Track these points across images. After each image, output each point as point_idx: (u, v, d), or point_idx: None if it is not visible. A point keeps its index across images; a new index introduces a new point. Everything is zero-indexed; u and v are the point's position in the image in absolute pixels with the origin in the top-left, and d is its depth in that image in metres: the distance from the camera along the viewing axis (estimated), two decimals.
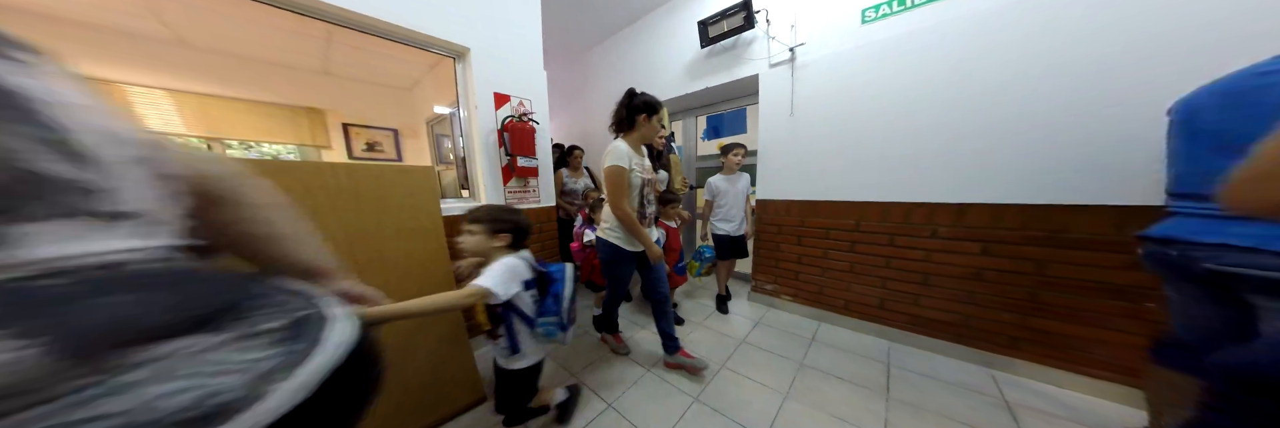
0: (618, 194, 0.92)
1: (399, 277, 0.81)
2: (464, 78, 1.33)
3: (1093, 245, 0.92)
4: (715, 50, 1.74)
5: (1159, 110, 0.66)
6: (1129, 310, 0.90)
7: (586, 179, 2.02)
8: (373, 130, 2.32)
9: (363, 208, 0.75)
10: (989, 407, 0.93)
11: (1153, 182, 0.84)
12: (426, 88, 2.24)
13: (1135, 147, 0.85)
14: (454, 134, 1.39)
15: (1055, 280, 0.98)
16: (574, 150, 1.97)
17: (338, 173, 0.72)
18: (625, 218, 0.94)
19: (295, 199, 0.66)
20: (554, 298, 0.72)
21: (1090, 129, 0.91)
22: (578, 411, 0.95)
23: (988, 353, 1.11)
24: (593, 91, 2.58)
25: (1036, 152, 0.99)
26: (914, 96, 1.17)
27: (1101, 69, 0.89)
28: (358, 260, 0.75)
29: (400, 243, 0.81)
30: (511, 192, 1.40)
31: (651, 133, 0.96)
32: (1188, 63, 0.79)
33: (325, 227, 0.70)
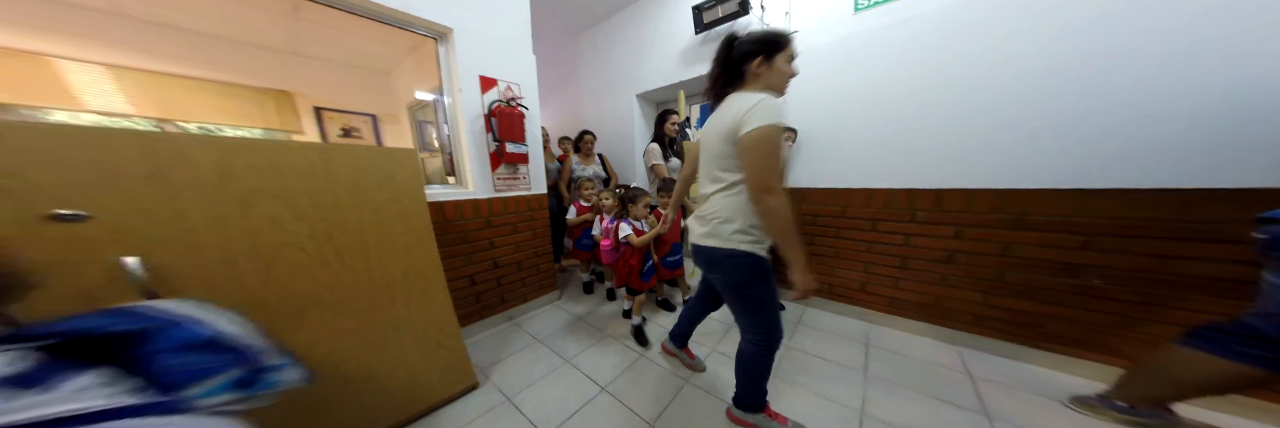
0: (772, 172, 0.54)
1: (383, 258, 0.76)
2: (447, 60, 1.23)
3: (1050, 227, 0.97)
4: (710, 37, 1.68)
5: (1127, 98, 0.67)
6: (1077, 288, 0.95)
7: (597, 166, 1.88)
8: (349, 115, 2.16)
9: (339, 189, 0.69)
10: (956, 381, 0.98)
11: (1101, 165, 0.89)
12: (407, 71, 2.08)
13: (1078, 131, 0.90)
14: (438, 119, 1.30)
15: (1017, 261, 1.03)
16: (585, 135, 1.84)
17: (309, 153, 0.66)
18: (782, 212, 0.55)
19: (263, 179, 0.62)
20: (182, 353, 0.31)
21: (1059, 118, 0.94)
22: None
23: (954, 331, 1.17)
24: (584, 79, 2.47)
25: (1011, 139, 1.01)
26: (901, 85, 1.18)
27: (1084, 59, 0.91)
28: (336, 242, 0.69)
29: (382, 225, 0.76)
30: (500, 178, 1.34)
31: (782, 79, 0.61)
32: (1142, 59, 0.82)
33: (297, 206, 0.64)
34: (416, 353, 0.84)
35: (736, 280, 0.66)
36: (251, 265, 0.60)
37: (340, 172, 0.69)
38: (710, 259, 0.68)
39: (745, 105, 0.55)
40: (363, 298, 0.74)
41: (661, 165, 1.58)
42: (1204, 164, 0.80)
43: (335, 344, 0.71)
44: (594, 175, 1.82)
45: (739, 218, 0.62)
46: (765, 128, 0.53)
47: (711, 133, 0.64)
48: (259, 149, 0.61)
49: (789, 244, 0.58)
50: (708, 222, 0.67)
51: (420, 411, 0.88)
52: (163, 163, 0.53)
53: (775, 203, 0.55)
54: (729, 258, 0.64)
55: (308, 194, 0.66)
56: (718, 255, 0.66)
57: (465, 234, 1.24)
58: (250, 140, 0.60)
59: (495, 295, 1.38)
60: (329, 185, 0.68)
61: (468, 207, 1.24)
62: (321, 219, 0.67)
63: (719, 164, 0.63)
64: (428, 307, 0.85)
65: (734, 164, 0.60)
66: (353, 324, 0.73)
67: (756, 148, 0.54)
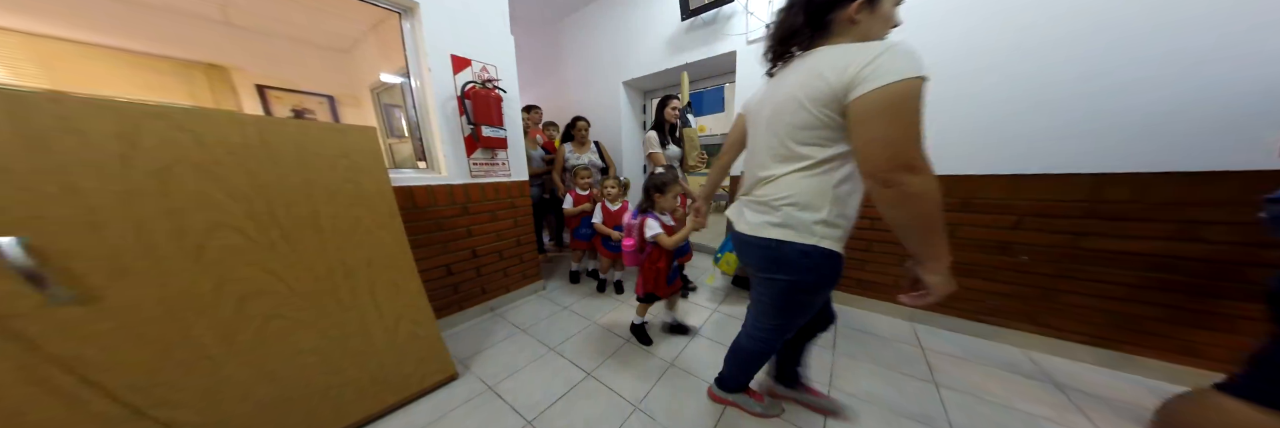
0: (915, 142, 0.39)
1: (342, 243, 0.69)
2: (413, 37, 1.11)
3: (990, 209, 1.05)
4: (695, 24, 1.64)
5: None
6: (1008, 264, 1.05)
7: (593, 154, 1.74)
8: (300, 95, 1.91)
9: (283, 167, 0.61)
10: (908, 353, 1.06)
11: (1046, 153, 0.95)
12: (369, 50, 1.87)
13: (1019, 123, 0.97)
14: (406, 101, 1.18)
15: (964, 242, 1.11)
16: (578, 122, 1.70)
17: (242, 125, 0.57)
18: (932, 196, 0.39)
19: (182, 152, 0.52)
20: None
21: (1021, 103, 0.98)
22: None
23: (909, 308, 1.26)
24: (569, 65, 2.35)
25: (973, 126, 1.06)
26: None
27: (1058, 45, 0.92)
28: (283, 225, 0.61)
29: (339, 207, 0.68)
30: (477, 163, 1.25)
31: (885, 29, 0.48)
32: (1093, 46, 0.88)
33: (231, 183, 0.56)
34: (386, 344, 0.79)
35: (806, 284, 0.52)
36: (175, 248, 0.52)
37: (282, 148, 0.61)
38: (774, 257, 0.52)
39: (857, 58, 0.39)
40: (320, 287, 0.67)
41: (659, 153, 1.49)
42: (1114, 151, 0.88)
43: (290, 336, 0.64)
44: (590, 164, 1.70)
45: (825, 205, 0.48)
46: (905, 83, 0.37)
47: (782, 99, 0.48)
48: (173, 117, 0.51)
49: (933, 241, 0.42)
50: (773, 209, 0.51)
51: (394, 403, 0.83)
52: (40, 129, 0.43)
53: (922, 185, 0.38)
54: (804, 256, 0.50)
55: (244, 172, 0.57)
56: (788, 253, 0.51)
57: (439, 221, 1.16)
58: (160, 107, 0.50)
59: (475, 286, 1.31)
60: (270, 162, 0.59)
61: (441, 192, 1.15)
62: (263, 198, 0.59)
63: (796, 136, 0.47)
64: (397, 296, 0.79)
65: (825, 136, 0.45)
66: (310, 315, 0.66)
67: (892, 110, 0.37)
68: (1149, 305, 0.90)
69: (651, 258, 0.99)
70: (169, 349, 0.53)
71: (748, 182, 0.58)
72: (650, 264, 1.00)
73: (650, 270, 1.00)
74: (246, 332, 0.60)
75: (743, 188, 0.60)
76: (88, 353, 0.47)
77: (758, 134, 0.56)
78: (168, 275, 0.52)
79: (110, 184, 0.47)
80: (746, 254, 0.57)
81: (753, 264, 0.58)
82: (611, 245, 1.35)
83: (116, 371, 0.49)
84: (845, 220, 0.50)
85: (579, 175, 1.49)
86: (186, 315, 0.54)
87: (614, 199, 1.35)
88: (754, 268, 0.58)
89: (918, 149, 0.39)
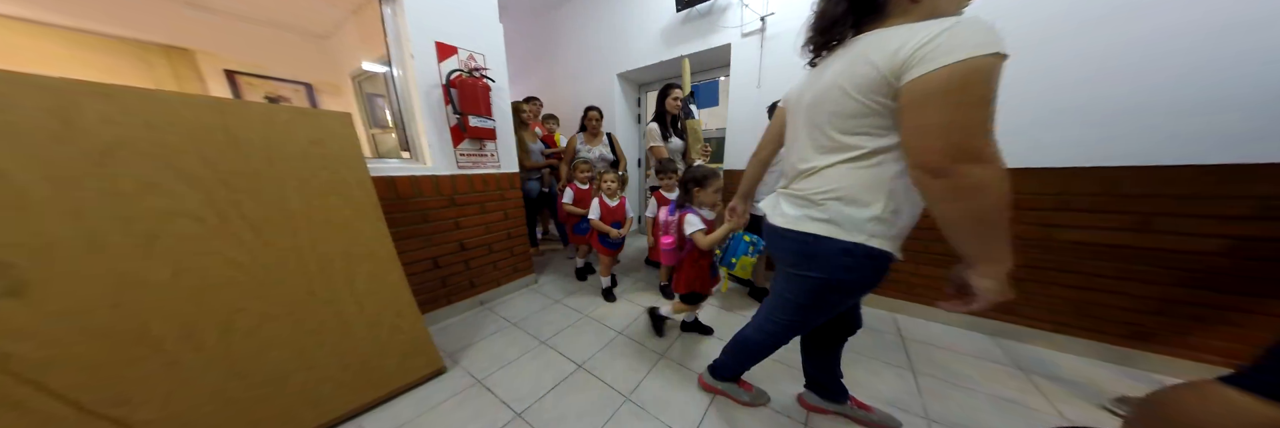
0: (981, 129, 0.33)
1: (316, 234, 0.65)
2: (395, 23, 1.05)
3: None
4: (691, 15, 1.60)
5: None
6: None
7: (605, 147, 1.64)
8: (275, 82, 1.79)
9: (247, 153, 0.56)
10: (889, 342, 1.09)
11: (1027, 147, 0.97)
12: (349, 36, 1.76)
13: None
14: (389, 89, 1.12)
15: (934, 233, 1.13)
16: (591, 111, 1.58)
17: (198, 108, 0.52)
18: (996, 189, 0.34)
19: (128, 133, 0.47)
20: None
21: None
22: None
23: (893, 300, 1.29)
24: (561, 56, 2.28)
25: None
26: None
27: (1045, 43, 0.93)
28: (249, 215, 0.57)
29: (312, 197, 0.64)
30: (464, 154, 1.20)
31: (957, 5, 0.41)
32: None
33: (186, 169, 0.51)
34: (368, 339, 0.75)
35: (841, 283, 0.47)
36: (122, 236, 0.47)
37: (247, 133, 0.56)
38: (808, 252, 0.47)
39: (913, 37, 0.34)
40: (294, 279, 0.63)
41: (661, 146, 1.41)
42: (1080, 147, 0.90)
43: (259, 330, 0.61)
44: (601, 157, 1.60)
45: (879, 199, 0.42)
46: (974, 62, 0.31)
47: (823, 88, 0.44)
48: (117, 97, 0.46)
49: (991, 240, 0.36)
50: (814, 203, 0.46)
51: (377, 398, 0.80)
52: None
53: (984, 176, 0.33)
54: (844, 255, 0.45)
55: (201, 157, 0.52)
56: (826, 249, 0.46)
57: (425, 213, 1.12)
58: (101, 85, 0.45)
59: (463, 279, 1.28)
60: (231, 148, 0.55)
61: (426, 183, 1.10)
62: (225, 186, 0.54)
63: (841, 125, 0.42)
64: (378, 289, 0.75)
65: (876, 124, 0.40)
66: (281, 308, 0.62)
67: (955, 93, 0.32)
68: (1112, 294, 0.94)
69: (693, 255, 0.90)
70: (120, 344, 0.49)
71: (787, 175, 0.54)
72: (692, 261, 0.91)
73: (693, 268, 0.91)
74: (209, 326, 0.56)
75: (782, 181, 0.56)
76: (21, 350, 0.43)
77: (797, 125, 0.51)
78: (115, 266, 0.47)
79: (43, 167, 0.42)
80: (778, 246, 0.53)
81: (782, 258, 0.53)
82: (609, 243, 1.30)
83: (59, 368, 0.45)
84: (903, 218, 0.43)
85: (579, 169, 1.41)
86: (138, 309, 0.49)
87: (612, 194, 1.28)
88: (784, 262, 0.54)
89: (984, 137, 0.32)
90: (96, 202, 0.46)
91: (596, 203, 1.27)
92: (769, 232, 0.56)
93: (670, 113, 1.43)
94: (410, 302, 0.82)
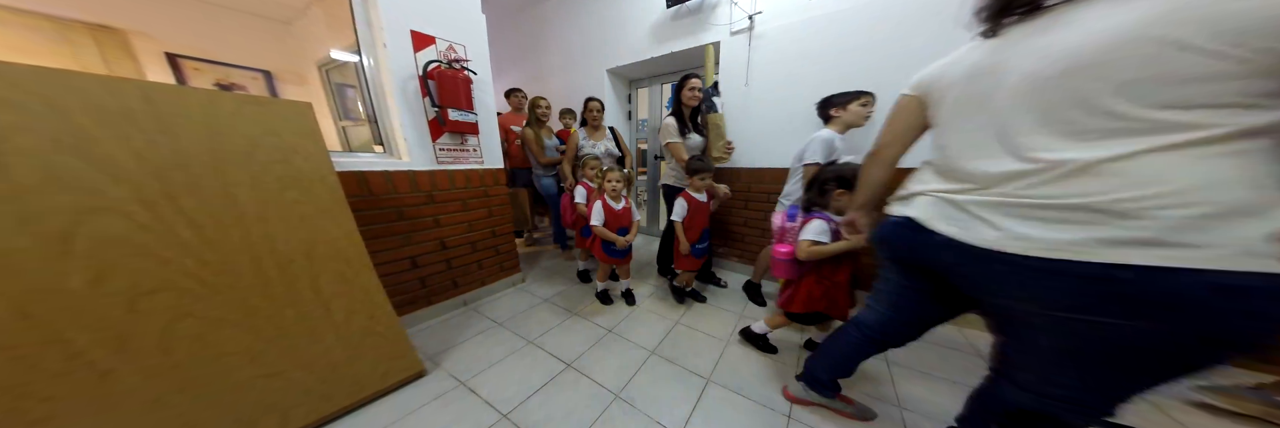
0: None
1: (272, 232, 0.59)
2: (364, 9, 0.96)
3: None
4: (680, 12, 1.56)
5: None
6: None
7: (609, 141, 1.50)
8: (227, 68, 1.61)
9: (184, 144, 0.50)
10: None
11: None
12: (314, 23, 1.63)
13: None
14: (360, 80, 1.04)
15: None
16: (591, 102, 1.43)
17: (117, 90, 0.45)
18: None
19: (27, 118, 0.39)
20: None
21: None
22: None
23: None
24: (547, 50, 2.20)
25: None
26: (857, 68, 1.17)
27: None
28: (187, 211, 0.51)
29: (266, 192, 0.57)
30: (444, 149, 1.14)
31: None
32: None
33: (105, 159, 0.45)
34: (337, 342, 0.70)
35: (1214, 336, 0.29)
36: (26, 237, 0.41)
37: (184, 121, 0.49)
38: (1126, 294, 0.30)
39: None
40: (245, 281, 0.57)
41: (679, 143, 1.23)
42: None
43: (207, 337, 0.55)
44: (607, 152, 1.47)
45: (1273, 205, 0.26)
46: None
47: (1122, 41, 0.28)
48: (11, 76, 0.39)
49: None
50: (1121, 216, 0.29)
51: (351, 403, 0.74)
52: None
53: None
54: (1226, 295, 0.27)
55: (126, 146, 0.46)
56: (1178, 287, 0.28)
57: (401, 210, 1.05)
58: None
59: (445, 279, 1.22)
60: (165, 137, 0.48)
61: (401, 179, 1.03)
62: (158, 179, 0.48)
63: (1168, 96, 0.27)
64: (347, 291, 0.70)
65: (1230, 90, 0.26)
66: (233, 312, 0.56)
67: None
68: None
69: (825, 271, 0.74)
70: (30, 358, 0.42)
71: (983, 176, 0.38)
72: (822, 278, 0.74)
73: (819, 284, 0.75)
74: (147, 334, 0.49)
75: (961, 184, 0.40)
76: None
77: (981, 109, 0.38)
78: (17, 271, 0.41)
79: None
80: (1028, 285, 0.35)
81: (1044, 300, 0.35)
82: (616, 251, 1.14)
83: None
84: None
85: (589, 166, 1.27)
86: (52, 318, 0.43)
87: (617, 196, 1.11)
88: (1053, 305, 0.34)
89: None
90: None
91: (599, 207, 1.10)
92: (990, 261, 0.36)
93: (688, 106, 1.25)
94: (384, 303, 0.76)
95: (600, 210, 1.10)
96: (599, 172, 1.25)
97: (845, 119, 1.02)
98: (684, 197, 1.13)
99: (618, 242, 1.11)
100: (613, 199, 1.12)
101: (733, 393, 0.82)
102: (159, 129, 0.48)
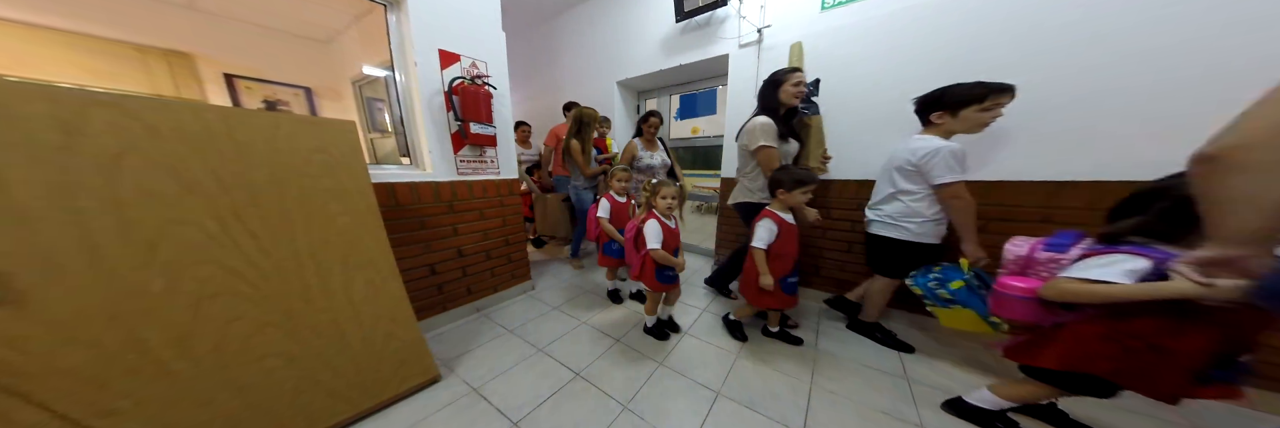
0: None
1: (315, 242, 0.65)
2: (399, 30, 1.07)
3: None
4: (690, 26, 1.65)
5: None
6: None
7: (664, 153, 1.53)
8: (274, 86, 1.80)
9: (250, 161, 0.57)
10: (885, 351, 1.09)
11: None
12: (351, 42, 1.79)
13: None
14: (390, 96, 1.13)
15: None
16: (652, 118, 1.45)
17: (203, 116, 0.52)
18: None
19: (132, 141, 0.47)
20: None
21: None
22: None
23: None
24: (563, 63, 2.32)
25: None
26: (866, 82, 1.21)
27: (1052, 59, 0.91)
28: (248, 223, 0.57)
29: (314, 204, 0.64)
30: (464, 161, 1.21)
31: None
32: None
33: (189, 177, 0.52)
34: (363, 347, 0.75)
35: None
36: (121, 246, 0.47)
37: (251, 141, 0.57)
38: None
39: None
40: (291, 288, 0.63)
41: (772, 149, 1.00)
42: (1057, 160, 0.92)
43: (254, 339, 0.60)
44: (663, 164, 1.49)
45: None
46: None
47: None
48: (123, 106, 0.47)
49: None
50: None
51: (372, 407, 0.78)
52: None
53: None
54: None
55: (205, 165, 0.53)
56: None
57: (423, 220, 1.12)
58: (106, 95, 0.46)
59: (460, 286, 1.27)
60: (236, 156, 0.55)
61: (425, 190, 1.11)
62: (226, 194, 0.55)
63: None
64: (375, 297, 0.75)
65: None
66: (278, 316, 0.62)
67: None
68: None
69: (1131, 325, 0.50)
70: (111, 355, 0.48)
71: None
72: (1119, 332, 0.51)
73: (1112, 341, 0.52)
74: (205, 335, 0.55)
75: None
76: (11, 359, 0.42)
77: None
78: (112, 275, 0.47)
79: (44, 175, 0.43)
80: None
81: None
82: (669, 278, 0.99)
83: (47, 378, 0.45)
84: None
85: (616, 177, 1.18)
86: (133, 318, 0.49)
87: (669, 213, 0.96)
88: None
89: None
90: (98, 210, 0.46)
91: (656, 227, 0.93)
92: None
93: (788, 105, 1.01)
94: (407, 309, 0.81)
95: (658, 230, 0.93)
96: (626, 184, 1.22)
97: (949, 127, 0.83)
98: (771, 217, 0.90)
99: (677, 265, 0.95)
100: (666, 217, 0.97)
101: (743, 407, 0.83)
102: (232, 149, 0.55)
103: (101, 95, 0.46)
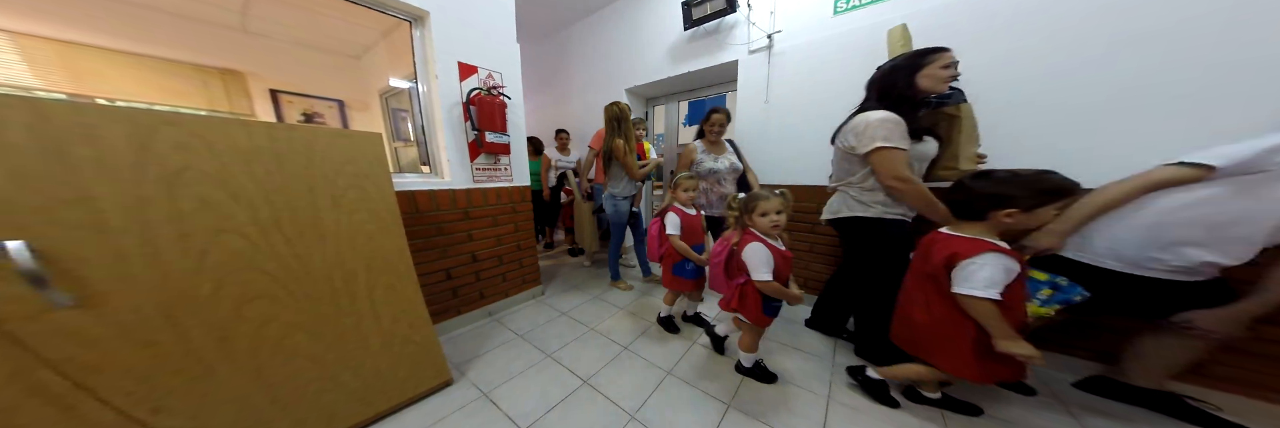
0: None
1: (343, 248, 0.69)
2: (423, 45, 1.15)
3: None
4: (698, 33, 1.68)
5: None
6: None
7: (731, 155, 1.31)
8: (311, 100, 1.97)
9: (289, 172, 0.62)
10: None
11: None
12: (379, 56, 1.92)
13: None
14: (413, 107, 1.21)
15: None
16: (715, 114, 1.27)
17: (252, 131, 0.58)
18: None
19: (193, 158, 0.54)
20: None
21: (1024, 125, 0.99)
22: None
23: None
24: (573, 72, 2.40)
25: None
26: None
27: (1064, 67, 0.89)
28: (286, 230, 0.62)
29: (342, 212, 0.69)
30: (480, 169, 1.27)
31: None
32: None
33: (238, 189, 0.57)
34: (382, 349, 0.78)
35: None
36: (179, 253, 0.53)
37: (291, 154, 0.62)
38: None
39: None
40: (320, 292, 0.67)
41: (901, 152, 0.75)
42: None
43: (285, 340, 0.64)
44: (731, 168, 1.27)
45: None
46: None
47: None
48: (186, 125, 0.53)
49: None
50: None
51: (387, 409, 0.82)
52: (59, 135, 0.44)
53: None
54: None
55: (251, 177, 0.58)
56: None
57: (440, 226, 1.17)
58: (174, 114, 0.52)
59: (473, 290, 1.31)
60: (277, 168, 0.61)
61: (443, 197, 1.16)
62: (268, 204, 0.60)
63: None
64: (395, 301, 0.79)
65: None
66: (307, 319, 0.66)
67: None
68: None
69: None
70: (165, 354, 0.53)
71: None
72: None
73: None
74: (243, 336, 0.60)
75: None
76: (83, 357, 0.47)
77: None
78: (169, 280, 0.52)
79: (121, 190, 0.48)
80: None
81: None
82: (775, 306, 0.81)
83: (110, 375, 0.49)
84: None
85: (682, 186, 1.01)
86: (185, 319, 0.54)
87: (774, 233, 0.77)
88: None
89: None
90: (161, 221, 0.51)
91: (764, 252, 0.75)
92: None
93: (932, 92, 0.76)
94: (423, 313, 0.85)
95: (767, 256, 0.75)
96: (692, 193, 1.01)
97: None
98: (1004, 253, 0.57)
99: (795, 299, 0.76)
100: (769, 237, 0.78)
101: (755, 420, 0.81)
102: (274, 162, 0.61)
103: (169, 114, 0.52)
